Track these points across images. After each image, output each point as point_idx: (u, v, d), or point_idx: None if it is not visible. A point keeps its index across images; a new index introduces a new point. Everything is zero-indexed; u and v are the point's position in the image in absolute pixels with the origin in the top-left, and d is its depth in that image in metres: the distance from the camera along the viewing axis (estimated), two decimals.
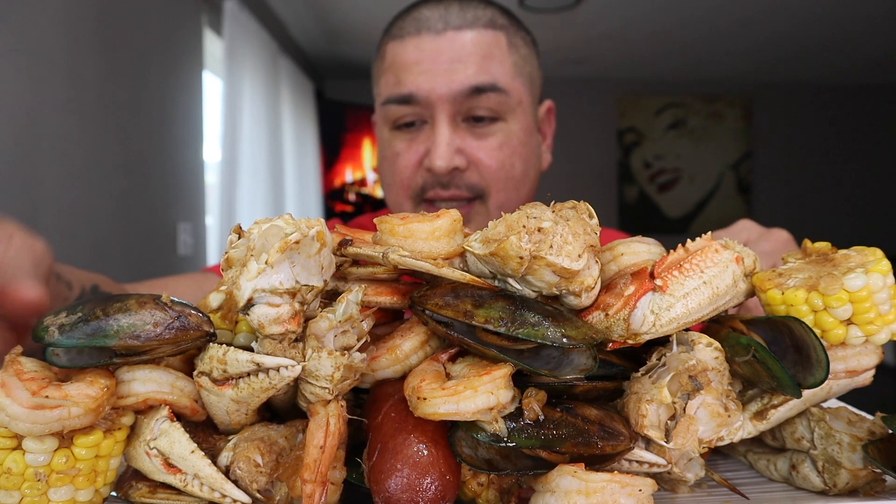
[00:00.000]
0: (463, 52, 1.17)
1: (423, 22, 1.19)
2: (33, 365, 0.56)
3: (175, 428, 0.57)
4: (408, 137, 1.22)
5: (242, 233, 0.57)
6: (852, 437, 0.62)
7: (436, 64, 1.16)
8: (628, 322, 0.58)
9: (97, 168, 2.29)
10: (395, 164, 1.23)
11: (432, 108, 1.18)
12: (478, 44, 1.18)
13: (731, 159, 7.15)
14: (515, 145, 1.23)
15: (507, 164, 1.22)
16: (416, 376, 0.58)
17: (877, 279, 0.60)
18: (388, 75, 1.22)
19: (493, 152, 1.20)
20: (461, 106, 1.18)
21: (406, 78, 1.18)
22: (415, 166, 1.21)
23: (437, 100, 1.17)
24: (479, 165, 1.20)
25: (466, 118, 1.20)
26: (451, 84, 1.16)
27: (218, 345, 0.56)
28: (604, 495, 0.53)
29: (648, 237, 0.68)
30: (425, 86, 1.16)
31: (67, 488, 0.55)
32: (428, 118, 1.20)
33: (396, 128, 1.23)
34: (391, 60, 1.22)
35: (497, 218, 1.28)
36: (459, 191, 1.20)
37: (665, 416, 0.58)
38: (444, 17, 1.19)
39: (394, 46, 1.22)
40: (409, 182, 1.22)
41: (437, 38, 1.18)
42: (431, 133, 1.19)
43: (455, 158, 1.17)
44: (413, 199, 1.24)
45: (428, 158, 1.18)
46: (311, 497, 0.54)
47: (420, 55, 1.17)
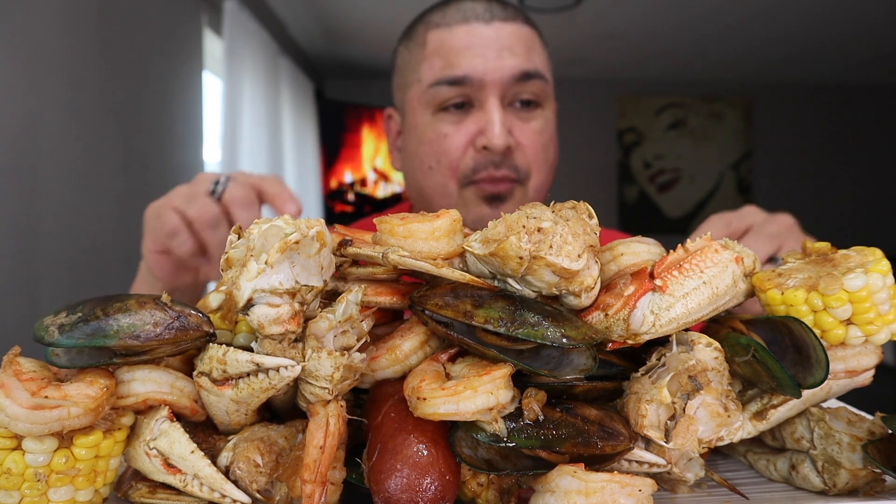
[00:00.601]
0: (510, 40, 1.24)
1: (469, 11, 1.26)
2: (32, 365, 0.56)
3: (175, 428, 0.57)
4: (454, 119, 1.25)
5: (242, 233, 0.57)
6: (852, 437, 0.62)
7: (487, 49, 1.22)
8: (628, 322, 0.58)
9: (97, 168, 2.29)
10: (441, 145, 1.25)
11: (484, 91, 1.22)
12: (521, 35, 1.26)
13: (731, 159, 7.14)
14: (551, 131, 1.31)
15: (545, 149, 1.29)
16: (415, 376, 0.58)
17: (876, 279, 0.60)
18: (434, 60, 1.25)
19: (535, 136, 1.26)
20: (509, 90, 1.23)
21: (459, 60, 1.22)
22: (465, 146, 1.24)
23: (489, 82, 1.21)
24: (524, 148, 1.25)
25: (511, 103, 1.25)
26: (503, 69, 1.21)
27: (218, 345, 0.56)
28: (603, 495, 0.53)
29: (648, 237, 0.69)
30: (480, 68, 1.21)
31: (67, 488, 0.55)
32: (476, 101, 1.24)
33: (442, 110, 1.26)
34: (437, 46, 1.25)
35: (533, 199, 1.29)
36: (509, 171, 1.24)
37: (665, 416, 0.58)
38: (490, 9, 1.27)
39: (439, 33, 1.26)
40: (459, 163, 1.24)
41: (486, 27, 1.24)
42: (481, 114, 1.23)
43: (508, 138, 1.22)
44: (461, 180, 1.25)
45: (483, 137, 1.21)
46: (311, 497, 0.54)
47: (471, 41, 1.23)
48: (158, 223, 1.01)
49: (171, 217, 0.99)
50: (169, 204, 1.01)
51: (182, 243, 0.99)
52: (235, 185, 1.02)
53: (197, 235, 1.00)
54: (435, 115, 1.26)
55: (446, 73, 1.23)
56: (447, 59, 1.23)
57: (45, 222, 1.95)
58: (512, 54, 1.22)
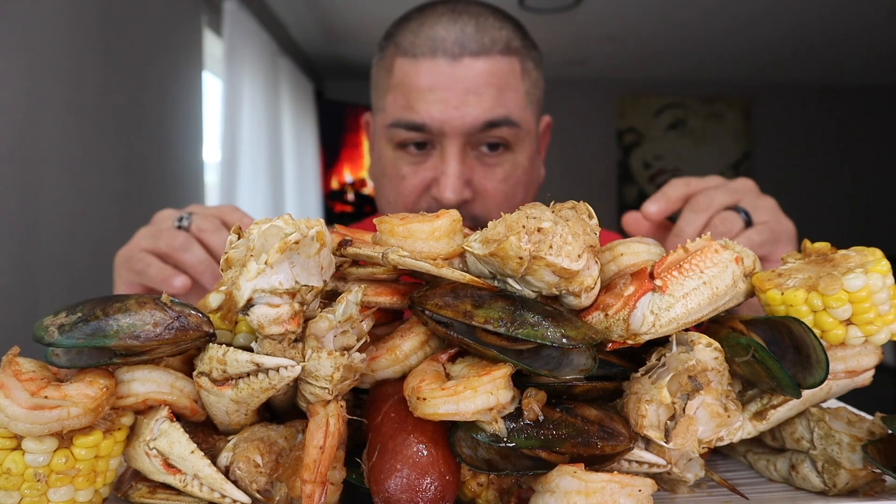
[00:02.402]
0: (478, 82, 1.14)
1: (439, 43, 1.15)
2: (32, 365, 0.56)
3: (175, 428, 0.57)
4: (414, 161, 1.20)
5: (242, 233, 0.57)
6: (852, 438, 0.62)
7: (450, 94, 1.13)
8: (628, 322, 0.58)
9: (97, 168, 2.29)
10: (399, 185, 1.21)
11: (443, 138, 1.16)
12: (493, 74, 1.16)
13: (731, 159, 7.14)
14: (520, 175, 1.23)
15: (510, 195, 1.22)
16: (415, 376, 0.58)
17: (876, 279, 0.60)
18: (398, 95, 1.18)
19: (498, 184, 1.20)
20: (472, 137, 1.17)
21: (419, 105, 1.15)
22: (420, 191, 1.20)
23: (449, 131, 1.14)
24: (484, 196, 1.20)
25: (476, 147, 1.19)
26: (465, 118, 1.14)
27: (218, 345, 0.56)
28: (603, 495, 0.53)
29: (648, 237, 0.69)
30: (438, 116, 1.13)
31: (67, 488, 0.55)
32: (437, 144, 1.18)
33: (401, 146, 1.21)
34: (401, 79, 1.18)
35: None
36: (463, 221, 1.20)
37: (665, 416, 0.58)
38: (460, 41, 1.15)
39: (405, 64, 1.17)
40: (413, 206, 1.21)
41: (453, 65, 1.14)
42: (440, 161, 1.17)
43: (464, 192, 1.16)
44: None
45: (437, 189, 1.17)
46: (311, 497, 0.54)
47: (434, 81, 1.14)
48: (130, 265, 0.99)
49: (141, 255, 0.98)
50: (137, 246, 1.00)
51: (157, 272, 0.97)
52: (199, 217, 1.01)
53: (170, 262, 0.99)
54: (395, 151, 1.21)
55: (405, 116, 1.16)
56: (407, 100, 1.16)
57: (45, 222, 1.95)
58: (478, 100, 1.13)
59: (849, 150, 7.12)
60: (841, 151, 7.12)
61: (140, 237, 1.02)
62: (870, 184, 7.13)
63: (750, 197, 1.00)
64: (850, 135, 7.11)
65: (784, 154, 7.13)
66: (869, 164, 7.12)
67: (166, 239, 0.98)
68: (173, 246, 0.97)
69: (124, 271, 1.00)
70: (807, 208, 7.01)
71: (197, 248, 0.98)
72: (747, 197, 1.00)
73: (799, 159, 7.12)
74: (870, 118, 7.09)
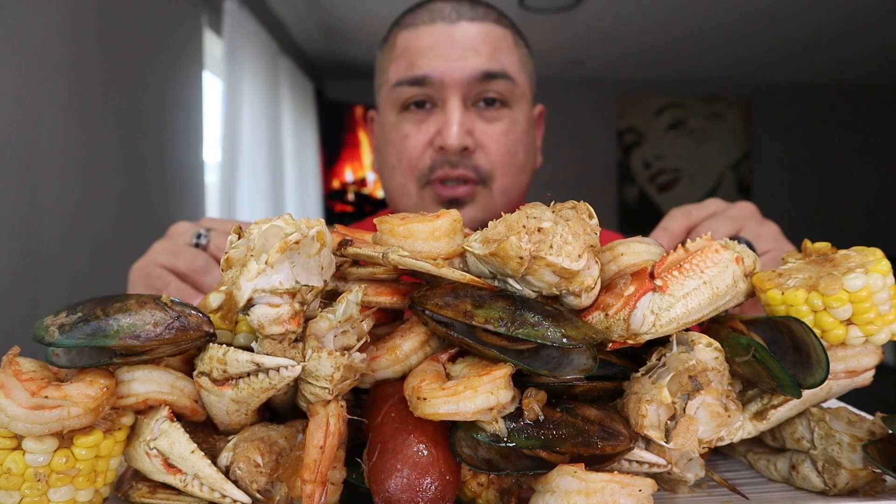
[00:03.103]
0: (475, 41, 1.23)
1: (437, 12, 1.25)
2: (32, 365, 0.56)
3: (175, 428, 0.57)
4: (417, 119, 1.25)
5: (242, 233, 0.57)
6: (852, 438, 0.62)
7: (449, 49, 1.21)
8: (628, 322, 0.58)
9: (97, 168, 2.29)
10: (403, 144, 1.25)
11: (444, 91, 1.21)
12: (488, 35, 1.24)
13: (731, 159, 7.14)
14: (519, 133, 1.28)
15: (512, 150, 1.26)
16: (415, 376, 0.58)
17: (877, 279, 0.60)
18: (400, 61, 1.25)
19: (499, 137, 1.25)
20: (472, 90, 1.22)
21: (420, 61, 1.22)
22: (424, 146, 1.24)
23: (450, 82, 1.21)
24: (486, 149, 1.24)
25: (476, 102, 1.24)
26: (464, 69, 1.21)
27: (218, 345, 0.56)
28: (604, 495, 0.53)
29: (648, 237, 0.69)
30: (440, 68, 1.20)
31: (67, 488, 0.55)
32: (438, 101, 1.23)
33: (405, 109, 1.26)
34: (403, 47, 1.25)
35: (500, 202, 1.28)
36: (467, 171, 1.23)
37: (665, 416, 0.58)
38: (457, 10, 1.25)
39: (406, 34, 1.26)
40: (417, 162, 1.24)
41: (451, 27, 1.23)
42: (442, 114, 1.23)
43: (466, 138, 1.21)
44: (419, 179, 1.25)
45: (439, 137, 1.21)
46: (311, 497, 0.54)
47: (434, 41, 1.22)
48: (148, 281, 0.98)
49: (160, 273, 0.98)
50: (154, 262, 1.00)
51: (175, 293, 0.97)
52: (217, 235, 1.02)
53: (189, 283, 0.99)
54: (399, 114, 1.26)
55: (408, 74, 1.23)
56: (410, 60, 1.23)
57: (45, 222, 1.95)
58: (475, 54, 1.21)
59: (849, 149, 7.12)
60: (841, 151, 7.12)
61: (157, 252, 1.01)
62: (870, 184, 7.12)
63: (751, 224, 1.00)
64: (850, 135, 7.11)
65: (784, 154, 7.13)
66: (869, 163, 7.12)
67: (186, 259, 0.98)
68: (193, 268, 0.98)
69: (141, 286, 1.00)
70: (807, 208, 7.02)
71: (217, 271, 0.99)
72: (748, 224, 1.00)
73: (799, 159, 7.12)
74: (870, 118, 7.08)
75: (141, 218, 2.65)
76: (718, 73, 6.63)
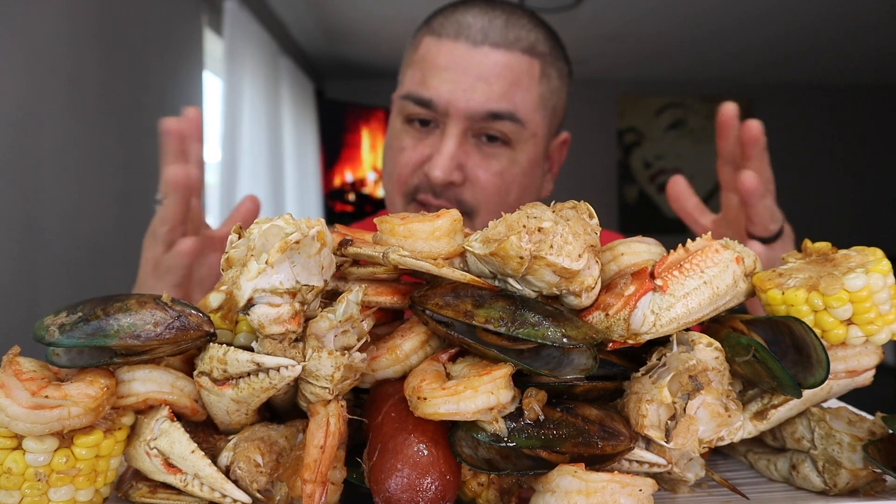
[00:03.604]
0: (492, 72, 1.16)
1: (464, 28, 1.19)
2: (32, 365, 0.56)
3: (175, 428, 0.57)
4: (416, 136, 1.23)
5: (242, 233, 0.57)
6: (852, 437, 0.62)
7: (462, 76, 1.16)
8: (628, 322, 0.58)
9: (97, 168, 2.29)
10: (397, 157, 1.25)
11: (447, 118, 1.18)
12: (509, 67, 1.17)
13: None
14: (516, 174, 1.23)
15: (503, 190, 1.22)
16: (416, 376, 0.58)
17: (877, 279, 0.60)
18: (416, 70, 1.22)
19: (492, 176, 1.21)
20: (475, 124, 1.18)
21: (431, 81, 1.18)
22: (415, 166, 1.22)
23: (453, 112, 1.17)
24: (475, 184, 1.20)
25: (477, 135, 1.20)
26: (470, 102, 1.16)
27: (218, 345, 0.56)
28: (604, 495, 0.53)
29: (648, 237, 0.68)
30: (446, 96, 1.16)
31: (67, 488, 0.55)
32: (441, 124, 1.20)
33: (409, 121, 1.24)
34: (423, 55, 1.22)
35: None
36: (449, 203, 1.21)
37: (665, 416, 0.58)
38: (485, 30, 1.18)
39: (429, 42, 1.22)
40: (406, 179, 1.23)
41: (472, 51, 1.17)
42: (439, 141, 1.19)
43: (454, 173, 1.18)
44: (405, 196, 1.24)
45: (428, 164, 1.19)
46: (311, 497, 0.54)
47: (450, 62, 1.17)
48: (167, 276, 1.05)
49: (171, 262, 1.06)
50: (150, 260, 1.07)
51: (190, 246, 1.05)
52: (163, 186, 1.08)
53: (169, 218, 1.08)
54: (404, 124, 1.25)
55: (415, 91, 1.20)
56: (423, 75, 1.20)
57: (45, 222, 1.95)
58: (486, 87, 1.15)
59: (849, 149, 7.12)
60: (842, 151, 7.12)
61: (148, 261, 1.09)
62: (870, 183, 7.13)
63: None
64: (850, 134, 7.11)
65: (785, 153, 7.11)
66: (870, 163, 7.12)
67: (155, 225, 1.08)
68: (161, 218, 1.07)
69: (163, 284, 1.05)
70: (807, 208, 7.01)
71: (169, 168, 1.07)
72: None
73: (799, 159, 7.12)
74: (870, 118, 7.08)
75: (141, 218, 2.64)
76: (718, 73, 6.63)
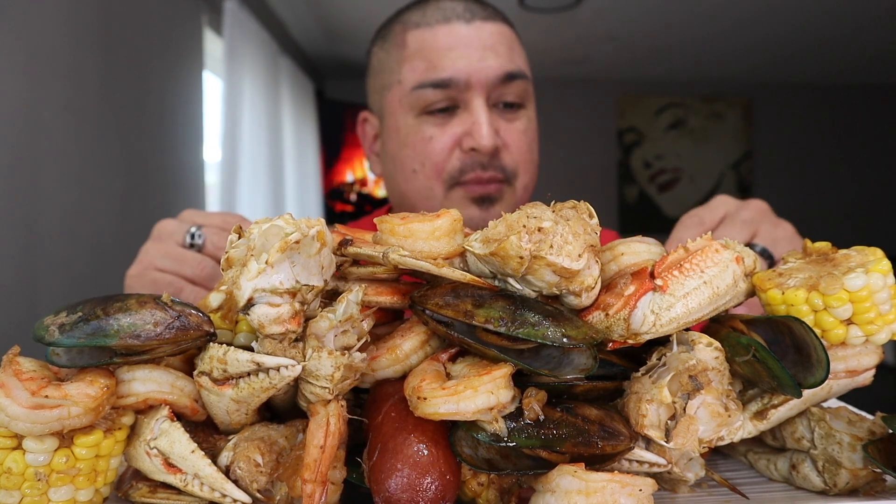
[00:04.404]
0: (492, 40, 1.23)
1: (450, 11, 1.24)
2: (32, 365, 0.56)
3: (175, 428, 0.57)
4: (439, 122, 1.23)
5: (242, 233, 0.57)
6: (852, 437, 0.62)
7: (470, 50, 1.21)
8: (628, 322, 0.58)
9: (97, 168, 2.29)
10: (426, 147, 1.23)
11: (469, 92, 1.21)
12: (502, 34, 1.25)
13: (731, 159, 7.14)
14: (533, 130, 1.30)
15: (530, 148, 1.29)
16: (416, 376, 0.58)
17: (877, 279, 0.60)
18: (416, 61, 1.23)
19: (520, 136, 1.26)
20: (493, 91, 1.22)
21: (443, 63, 1.20)
22: (450, 148, 1.22)
23: (475, 84, 1.20)
24: (509, 148, 1.25)
25: (496, 104, 1.25)
26: (488, 70, 1.20)
27: (218, 344, 0.56)
28: (604, 495, 0.53)
29: (648, 237, 0.68)
30: (464, 69, 1.19)
31: (67, 488, 0.55)
32: (461, 102, 1.22)
33: (426, 113, 1.24)
34: (418, 47, 1.23)
35: (522, 198, 1.29)
36: (496, 172, 1.23)
37: (665, 415, 0.58)
38: (469, 9, 1.25)
39: (420, 33, 1.24)
40: (444, 164, 1.23)
41: (468, 27, 1.23)
42: (467, 115, 1.22)
43: (496, 138, 1.21)
44: (447, 182, 1.24)
45: (471, 139, 1.20)
46: (311, 497, 0.54)
47: (454, 41, 1.21)
48: (156, 288, 0.96)
49: (170, 279, 0.96)
50: (153, 266, 0.97)
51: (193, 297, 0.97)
52: (211, 231, 1.00)
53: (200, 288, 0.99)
54: (418, 117, 1.24)
55: (430, 76, 1.21)
56: (430, 61, 1.21)
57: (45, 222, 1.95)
58: (495, 54, 1.21)
59: (849, 149, 7.12)
60: (842, 151, 7.12)
61: (154, 257, 0.99)
62: (870, 183, 7.12)
63: (766, 227, 0.98)
64: (850, 134, 7.11)
65: (785, 154, 7.13)
66: (869, 163, 7.12)
67: (193, 267, 0.97)
68: (203, 275, 0.97)
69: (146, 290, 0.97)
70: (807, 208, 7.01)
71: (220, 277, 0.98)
72: (763, 227, 0.98)
73: (800, 159, 7.12)
74: (870, 118, 7.08)
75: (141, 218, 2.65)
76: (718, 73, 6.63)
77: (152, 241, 1.02)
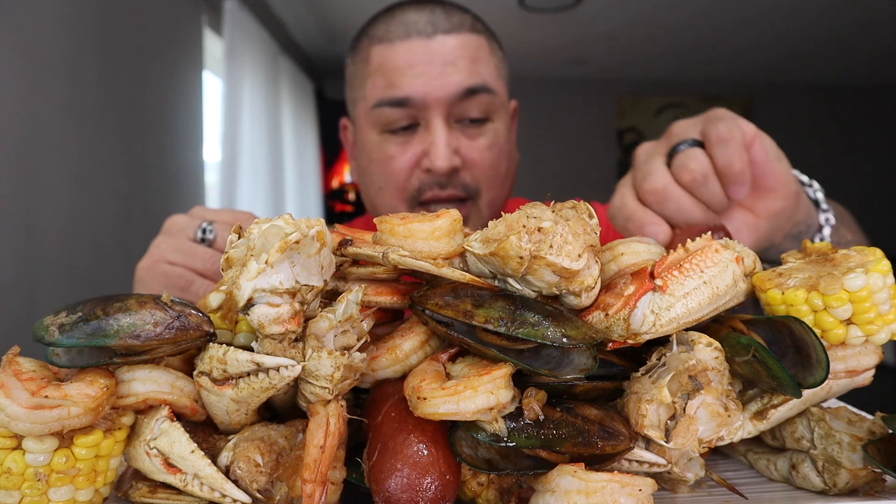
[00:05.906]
0: (453, 55, 1.20)
1: (412, 26, 1.22)
2: (32, 365, 0.56)
3: (175, 428, 0.57)
4: (400, 140, 1.23)
5: (242, 233, 0.57)
6: (852, 437, 0.62)
7: (429, 67, 1.19)
8: (628, 322, 0.58)
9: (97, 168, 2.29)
10: (388, 167, 1.23)
11: (427, 111, 1.19)
12: (466, 47, 1.22)
13: None
14: (501, 144, 1.27)
15: (496, 164, 1.26)
16: (416, 376, 0.58)
17: (877, 279, 0.60)
18: (377, 78, 1.22)
19: (484, 153, 1.24)
20: (454, 108, 1.20)
21: (400, 81, 1.19)
22: (410, 168, 1.22)
23: (433, 102, 1.18)
24: (472, 166, 1.23)
25: (459, 119, 1.23)
26: (446, 87, 1.18)
27: (218, 345, 0.56)
28: (604, 495, 0.53)
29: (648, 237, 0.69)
30: (421, 89, 1.18)
31: (67, 488, 0.55)
32: (421, 120, 1.21)
33: (387, 131, 1.23)
34: (380, 63, 1.22)
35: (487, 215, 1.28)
36: (456, 190, 1.22)
37: (665, 415, 0.58)
38: (432, 21, 1.22)
39: (381, 49, 1.23)
40: (405, 184, 1.23)
41: (428, 42, 1.20)
42: (426, 135, 1.20)
43: (454, 159, 1.19)
44: (409, 201, 1.24)
45: (427, 159, 1.20)
46: (311, 497, 0.54)
47: (412, 58, 1.19)
48: (168, 281, 0.96)
49: (181, 272, 0.96)
50: (164, 259, 0.97)
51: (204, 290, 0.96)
52: (222, 227, 1.00)
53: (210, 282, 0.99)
54: (381, 134, 1.24)
55: (388, 94, 1.20)
56: (389, 79, 1.20)
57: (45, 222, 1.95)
58: (455, 70, 1.19)
59: (849, 149, 7.12)
60: (841, 151, 7.12)
61: (164, 250, 0.99)
62: (870, 183, 7.12)
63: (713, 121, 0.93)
64: (850, 134, 7.11)
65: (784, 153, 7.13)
66: (870, 163, 7.12)
67: (204, 260, 0.97)
68: (213, 270, 0.97)
69: (157, 286, 0.97)
70: None
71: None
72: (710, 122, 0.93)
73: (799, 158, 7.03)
74: (870, 118, 7.08)
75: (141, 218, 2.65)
76: (718, 73, 6.63)
77: (163, 235, 1.02)
